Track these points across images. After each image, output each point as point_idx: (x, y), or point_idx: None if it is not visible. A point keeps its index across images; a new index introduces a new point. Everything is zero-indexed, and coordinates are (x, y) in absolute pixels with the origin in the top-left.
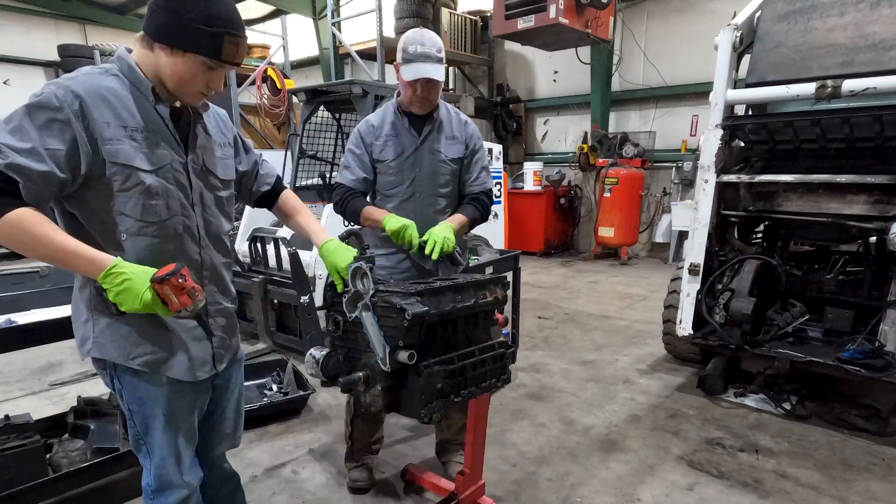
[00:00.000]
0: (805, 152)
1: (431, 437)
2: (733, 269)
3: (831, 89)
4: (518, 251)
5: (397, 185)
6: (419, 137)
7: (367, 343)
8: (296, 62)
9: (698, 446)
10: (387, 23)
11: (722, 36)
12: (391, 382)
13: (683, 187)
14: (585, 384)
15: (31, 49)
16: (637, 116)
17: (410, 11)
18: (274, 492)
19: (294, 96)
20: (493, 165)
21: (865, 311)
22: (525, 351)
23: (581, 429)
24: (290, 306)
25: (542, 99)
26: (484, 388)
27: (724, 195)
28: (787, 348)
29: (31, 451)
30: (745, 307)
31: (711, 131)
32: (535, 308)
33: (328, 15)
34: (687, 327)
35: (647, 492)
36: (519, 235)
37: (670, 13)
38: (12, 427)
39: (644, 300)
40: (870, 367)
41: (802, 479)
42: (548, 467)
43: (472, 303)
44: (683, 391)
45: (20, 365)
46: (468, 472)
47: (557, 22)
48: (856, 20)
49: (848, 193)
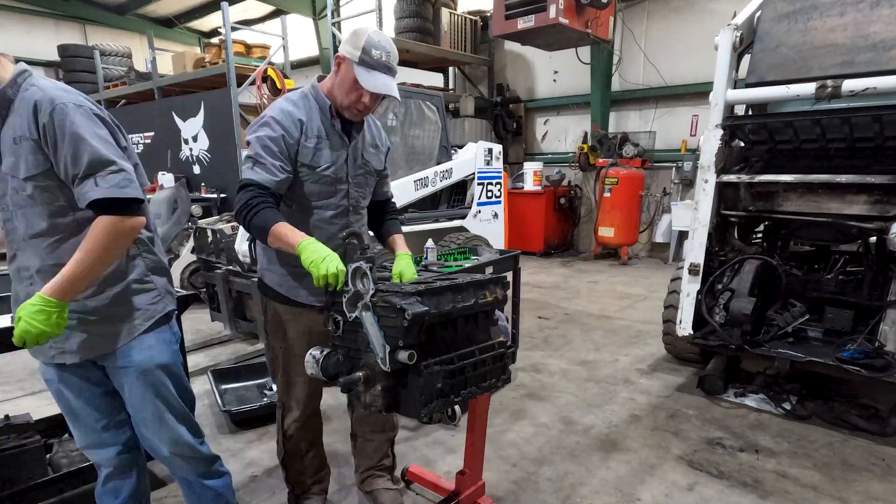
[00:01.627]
0: (805, 152)
1: (432, 437)
2: (733, 269)
3: (831, 89)
4: (518, 251)
5: (329, 196)
6: (349, 144)
7: (367, 343)
8: (296, 62)
9: (698, 446)
10: (387, 23)
11: (722, 36)
12: (391, 382)
13: (683, 187)
14: (585, 384)
15: (32, 49)
16: (637, 116)
17: (410, 11)
18: (274, 492)
19: None
20: (493, 165)
21: (865, 311)
22: (525, 351)
23: (581, 429)
24: None
25: (542, 99)
26: (484, 388)
27: (724, 195)
28: (787, 348)
29: (31, 451)
30: (745, 307)
31: (711, 131)
32: (535, 308)
33: (328, 15)
34: (687, 327)
35: (647, 492)
36: (519, 235)
37: (670, 13)
38: (12, 427)
39: (644, 300)
40: (870, 367)
41: (802, 479)
42: (548, 467)
43: (472, 303)
44: (683, 391)
45: (20, 365)
46: (468, 472)
47: (557, 22)
48: (856, 20)
49: (848, 193)
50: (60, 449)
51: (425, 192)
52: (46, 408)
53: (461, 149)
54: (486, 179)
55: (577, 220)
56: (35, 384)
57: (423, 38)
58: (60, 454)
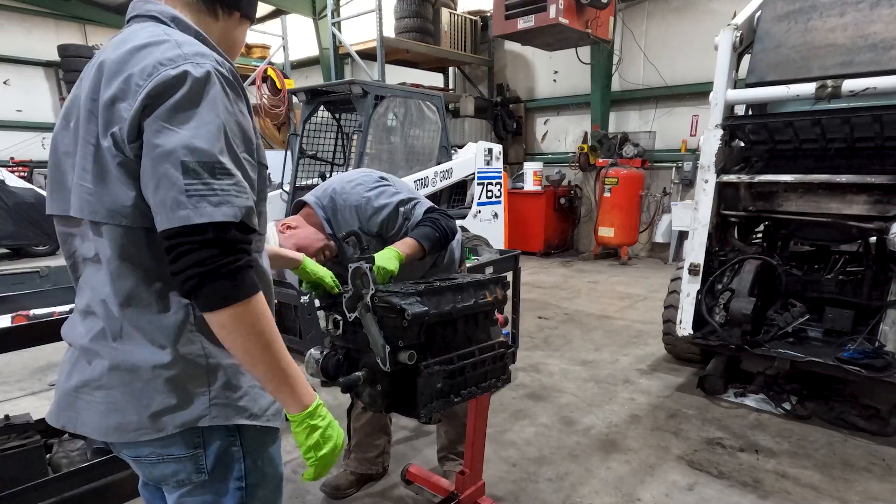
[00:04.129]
0: (805, 152)
1: (432, 437)
2: (733, 269)
3: (831, 89)
4: (518, 251)
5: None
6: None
7: (367, 343)
8: (296, 62)
9: (698, 446)
10: (387, 23)
11: (722, 36)
12: (391, 382)
13: (683, 187)
14: (585, 384)
15: (32, 49)
16: (637, 116)
17: (410, 11)
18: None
19: (294, 96)
20: (493, 165)
21: (865, 311)
22: (525, 351)
23: (581, 429)
24: (291, 306)
25: (542, 99)
26: (484, 388)
27: (724, 195)
28: (787, 348)
29: (31, 451)
30: (745, 307)
31: (711, 131)
32: (535, 308)
33: (328, 15)
34: (687, 327)
35: (647, 492)
36: (519, 235)
37: (670, 13)
38: (12, 427)
39: (644, 300)
40: (870, 367)
41: (802, 479)
42: (548, 467)
43: (472, 303)
44: (683, 391)
45: (20, 365)
46: (468, 472)
47: (557, 22)
48: (856, 20)
49: (848, 193)
50: (60, 449)
51: (425, 192)
52: (46, 408)
53: (461, 149)
54: (486, 179)
55: (577, 220)
56: (35, 384)
57: (423, 38)
58: (60, 454)
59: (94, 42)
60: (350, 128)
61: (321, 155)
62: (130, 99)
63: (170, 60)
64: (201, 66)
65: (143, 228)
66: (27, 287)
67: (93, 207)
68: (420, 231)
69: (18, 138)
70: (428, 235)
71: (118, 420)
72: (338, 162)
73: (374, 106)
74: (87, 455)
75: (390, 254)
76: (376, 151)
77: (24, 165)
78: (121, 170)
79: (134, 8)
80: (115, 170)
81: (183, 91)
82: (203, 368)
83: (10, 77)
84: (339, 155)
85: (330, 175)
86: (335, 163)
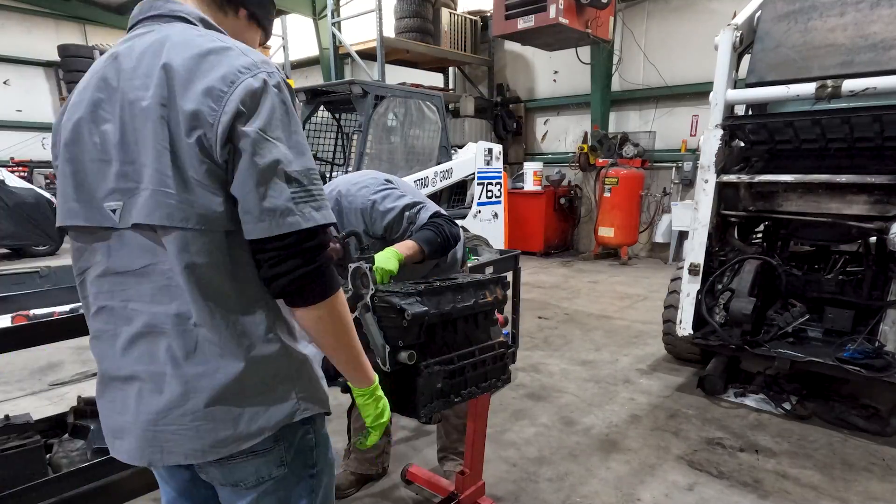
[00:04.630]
0: (805, 152)
1: (431, 437)
2: (733, 269)
3: (831, 89)
4: (518, 251)
5: None
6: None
7: (367, 343)
8: (296, 62)
9: (698, 446)
10: (387, 23)
11: (722, 36)
12: (391, 382)
13: (683, 187)
14: (585, 384)
15: (32, 49)
16: (637, 116)
17: (410, 11)
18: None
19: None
20: (493, 165)
21: (865, 311)
22: (525, 351)
23: (581, 429)
24: None
25: (542, 99)
26: (484, 388)
27: (724, 195)
28: (787, 348)
29: (31, 451)
30: (745, 307)
31: (711, 131)
32: (535, 308)
33: (328, 15)
34: (687, 327)
35: (647, 492)
36: (519, 235)
37: (670, 13)
38: (12, 427)
39: (644, 300)
40: (870, 367)
41: (802, 479)
42: (548, 467)
43: (472, 303)
44: (683, 391)
45: (20, 365)
46: (468, 472)
47: (557, 22)
48: (856, 20)
49: (848, 193)
50: (60, 449)
51: (425, 192)
52: (46, 408)
53: (461, 149)
54: (486, 179)
55: (577, 220)
56: (35, 384)
57: (423, 38)
58: (60, 454)
59: (94, 42)
60: (350, 128)
61: (321, 155)
62: (216, 105)
63: (246, 69)
64: (273, 74)
65: (224, 232)
66: (27, 287)
67: (184, 214)
68: (422, 234)
69: (18, 138)
70: (429, 239)
71: (213, 438)
72: (338, 162)
73: (374, 106)
74: (87, 455)
75: (390, 254)
76: (376, 151)
77: (24, 165)
78: (207, 176)
79: (154, 7)
80: (199, 175)
81: (272, 100)
82: (286, 366)
83: (10, 77)
84: (339, 155)
85: (330, 175)
86: (335, 163)
